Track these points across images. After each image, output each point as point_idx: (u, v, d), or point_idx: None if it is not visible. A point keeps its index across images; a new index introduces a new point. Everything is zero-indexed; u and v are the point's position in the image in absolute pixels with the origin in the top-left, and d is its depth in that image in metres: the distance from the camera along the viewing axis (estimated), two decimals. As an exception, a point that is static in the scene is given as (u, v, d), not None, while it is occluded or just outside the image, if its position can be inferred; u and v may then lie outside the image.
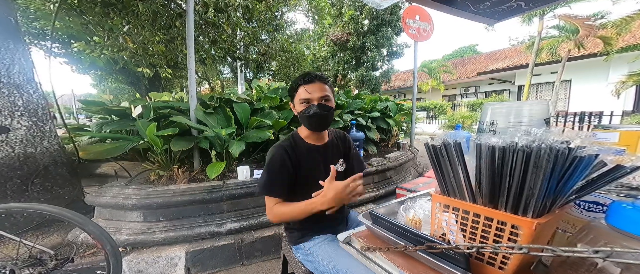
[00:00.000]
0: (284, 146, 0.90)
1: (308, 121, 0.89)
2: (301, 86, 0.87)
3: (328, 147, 0.98)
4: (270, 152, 0.90)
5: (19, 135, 1.78)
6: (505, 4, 1.40)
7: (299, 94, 0.87)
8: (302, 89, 0.86)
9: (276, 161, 0.86)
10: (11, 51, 1.77)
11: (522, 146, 0.37)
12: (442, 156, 0.52)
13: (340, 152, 1.02)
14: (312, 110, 0.85)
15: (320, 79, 0.87)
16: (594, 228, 0.40)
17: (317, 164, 0.93)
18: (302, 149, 0.92)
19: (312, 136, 0.95)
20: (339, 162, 1.00)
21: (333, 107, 0.90)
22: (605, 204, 0.49)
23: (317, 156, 0.94)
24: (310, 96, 0.85)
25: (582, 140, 0.34)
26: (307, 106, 0.86)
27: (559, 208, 0.41)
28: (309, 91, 0.85)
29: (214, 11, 3.19)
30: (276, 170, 0.86)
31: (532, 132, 0.37)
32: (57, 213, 1.09)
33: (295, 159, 0.89)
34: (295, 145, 0.92)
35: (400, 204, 0.82)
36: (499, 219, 0.44)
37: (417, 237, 0.55)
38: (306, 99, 0.86)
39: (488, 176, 0.43)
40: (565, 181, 0.36)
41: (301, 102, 0.87)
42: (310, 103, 0.86)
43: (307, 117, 0.87)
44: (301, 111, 0.87)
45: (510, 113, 0.77)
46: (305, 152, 0.92)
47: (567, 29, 7.51)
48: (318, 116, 0.86)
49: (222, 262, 1.61)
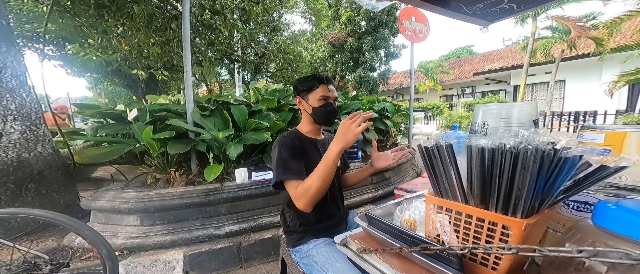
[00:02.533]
0: (290, 137, 0.96)
1: (325, 116, 0.97)
2: (323, 85, 0.96)
3: (325, 142, 1.05)
4: (277, 142, 0.94)
5: (12, 140, 1.75)
6: (498, 6, 1.43)
7: (319, 91, 0.96)
8: (323, 87, 0.96)
9: (287, 146, 0.91)
10: (3, 54, 1.75)
11: (510, 147, 0.38)
12: (435, 157, 0.53)
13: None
14: (330, 107, 0.97)
15: (333, 82, 1.01)
16: (582, 228, 0.41)
17: (318, 157, 0.94)
18: (305, 142, 0.99)
19: (313, 131, 1.03)
20: None
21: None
22: (592, 204, 0.51)
23: (317, 149, 1.00)
24: (329, 94, 0.96)
25: (567, 141, 0.35)
26: (326, 103, 0.96)
27: (547, 208, 0.42)
28: (330, 90, 0.97)
29: (211, 13, 3.18)
30: (289, 154, 0.89)
31: (520, 134, 0.38)
32: (51, 217, 1.08)
33: (300, 148, 0.94)
34: (298, 138, 0.98)
35: (397, 206, 0.83)
36: (490, 220, 0.45)
37: (411, 238, 0.55)
38: (326, 96, 0.96)
39: (479, 177, 0.44)
40: (552, 182, 0.37)
41: (320, 98, 0.96)
42: (328, 101, 0.97)
43: (326, 112, 0.97)
44: (319, 105, 0.96)
45: (501, 114, 0.78)
46: (308, 144, 0.98)
47: (560, 30, 7.63)
48: (335, 113, 0.98)
49: (221, 265, 1.61)
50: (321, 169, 0.81)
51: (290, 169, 0.86)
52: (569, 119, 6.73)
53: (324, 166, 0.81)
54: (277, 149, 0.91)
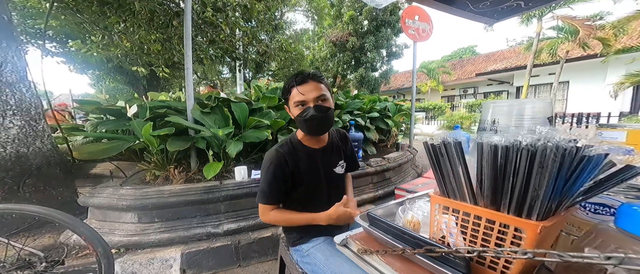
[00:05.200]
0: (282, 152, 0.84)
1: (306, 126, 0.81)
2: (294, 88, 0.79)
3: (327, 149, 0.94)
4: (266, 160, 0.85)
5: (11, 135, 1.74)
6: (505, 3, 1.39)
7: (293, 97, 0.80)
8: (295, 90, 0.79)
9: (270, 170, 0.83)
10: (3, 49, 1.74)
11: (527, 144, 0.35)
12: (442, 155, 0.50)
13: (340, 153, 0.98)
14: (309, 113, 0.78)
15: (314, 77, 0.80)
16: (602, 232, 0.38)
17: (316, 169, 0.90)
18: (301, 153, 0.87)
19: (312, 139, 0.89)
20: (339, 164, 0.96)
21: (332, 108, 0.84)
22: (612, 206, 0.48)
23: (316, 160, 0.89)
24: (304, 97, 0.78)
25: (589, 139, 0.33)
26: (303, 109, 0.79)
27: (564, 210, 0.39)
28: (303, 92, 0.78)
29: (212, 10, 3.16)
30: (271, 180, 0.83)
31: (537, 131, 0.36)
32: (47, 214, 1.06)
33: (293, 165, 0.84)
34: (293, 149, 0.86)
35: (399, 206, 0.80)
36: (501, 222, 0.42)
37: (415, 240, 0.53)
38: (301, 101, 0.79)
39: (490, 176, 0.41)
40: (572, 182, 0.34)
41: (296, 105, 0.80)
42: (306, 105, 0.79)
43: (305, 121, 0.80)
44: (298, 114, 0.80)
45: (512, 111, 0.75)
46: (304, 156, 0.87)
47: (566, 30, 7.54)
48: (316, 119, 0.79)
49: (219, 263, 1.59)
50: (301, 219, 0.82)
51: (268, 196, 0.84)
52: (572, 120, 6.65)
53: (304, 221, 0.82)
54: (264, 167, 0.85)
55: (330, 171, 0.93)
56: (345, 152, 1.01)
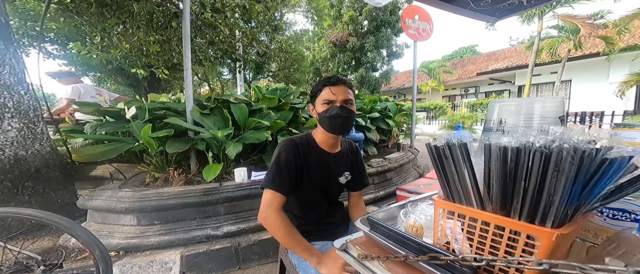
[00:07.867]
0: (297, 142, 0.88)
1: (329, 122, 0.86)
2: (326, 87, 0.86)
3: (338, 157, 0.96)
4: (281, 145, 0.88)
5: (9, 137, 1.73)
6: (506, 1, 1.37)
7: (322, 95, 0.86)
8: (326, 90, 0.85)
9: (284, 155, 0.85)
10: (1, 51, 1.73)
11: (540, 146, 0.32)
12: (446, 157, 0.48)
13: (348, 164, 1.00)
14: (334, 110, 0.84)
15: (345, 83, 0.88)
16: (625, 240, 0.35)
17: (323, 173, 0.92)
18: (314, 151, 0.91)
19: (327, 142, 0.92)
20: (344, 174, 0.98)
21: (354, 112, 0.89)
22: (633, 212, 0.45)
23: (325, 164, 0.92)
24: (334, 97, 0.85)
25: (609, 140, 0.30)
26: (329, 107, 0.85)
27: (581, 216, 0.37)
28: (334, 92, 0.85)
29: (211, 11, 3.15)
30: (283, 164, 0.84)
31: (551, 131, 0.33)
32: (44, 217, 1.04)
33: (304, 158, 0.87)
34: (307, 145, 0.90)
35: (400, 208, 0.78)
36: (511, 229, 0.40)
37: (418, 246, 0.50)
38: (330, 100, 0.85)
39: (499, 180, 0.39)
40: (591, 187, 0.32)
41: (324, 102, 0.86)
42: (333, 104, 0.85)
43: (328, 118, 0.85)
44: (322, 111, 0.86)
45: (521, 111, 0.72)
46: (316, 156, 0.90)
47: (567, 29, 7.49)
48: (340, 117, 0.84)
49: (219, 266, 1.57)
50: (295, 240, 0.80)
51: (275, 181, 0.83)
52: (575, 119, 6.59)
53: (298, 243, 0.79)
54: (277, 151, 0.87)
55: (335, 178, 0.96)
56: (353, 165, 1.02)
